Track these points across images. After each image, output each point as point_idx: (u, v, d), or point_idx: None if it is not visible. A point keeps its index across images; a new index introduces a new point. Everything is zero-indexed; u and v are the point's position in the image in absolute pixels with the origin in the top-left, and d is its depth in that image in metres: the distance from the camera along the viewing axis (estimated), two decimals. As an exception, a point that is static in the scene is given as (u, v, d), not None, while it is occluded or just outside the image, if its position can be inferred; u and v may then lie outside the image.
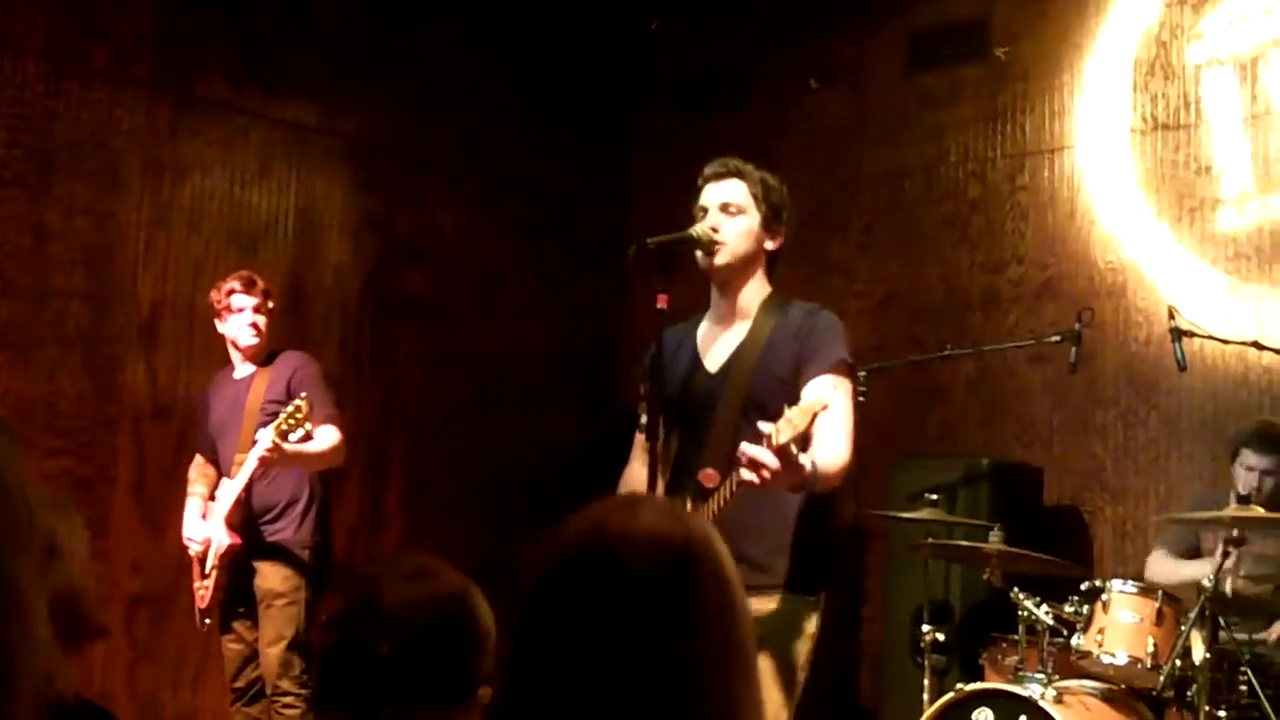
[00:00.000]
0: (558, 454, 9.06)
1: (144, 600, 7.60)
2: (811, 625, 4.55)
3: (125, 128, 7.66)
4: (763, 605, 4.45)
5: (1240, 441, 6.49)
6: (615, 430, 5.80)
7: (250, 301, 6.74)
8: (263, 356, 6.83)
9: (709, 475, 4.40)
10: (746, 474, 4.00)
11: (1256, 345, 6.60)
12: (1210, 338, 6.65)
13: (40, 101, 7.38)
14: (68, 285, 7.42)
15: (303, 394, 6.32)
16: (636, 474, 4.76)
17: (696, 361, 4.74)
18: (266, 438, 6.24)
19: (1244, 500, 5.85)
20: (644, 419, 4.64)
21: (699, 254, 4.61)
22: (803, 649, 4.53)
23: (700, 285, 4.81)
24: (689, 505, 4.43)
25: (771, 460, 3.94)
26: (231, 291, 6.74)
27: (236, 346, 6.84)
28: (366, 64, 8.65)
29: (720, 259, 4.61)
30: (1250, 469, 6.39)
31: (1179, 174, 7.62)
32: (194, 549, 6.73)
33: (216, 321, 6.87)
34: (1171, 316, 6.36)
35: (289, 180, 8.30)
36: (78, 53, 7.52)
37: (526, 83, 9.36)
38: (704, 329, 4.80)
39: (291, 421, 6.24)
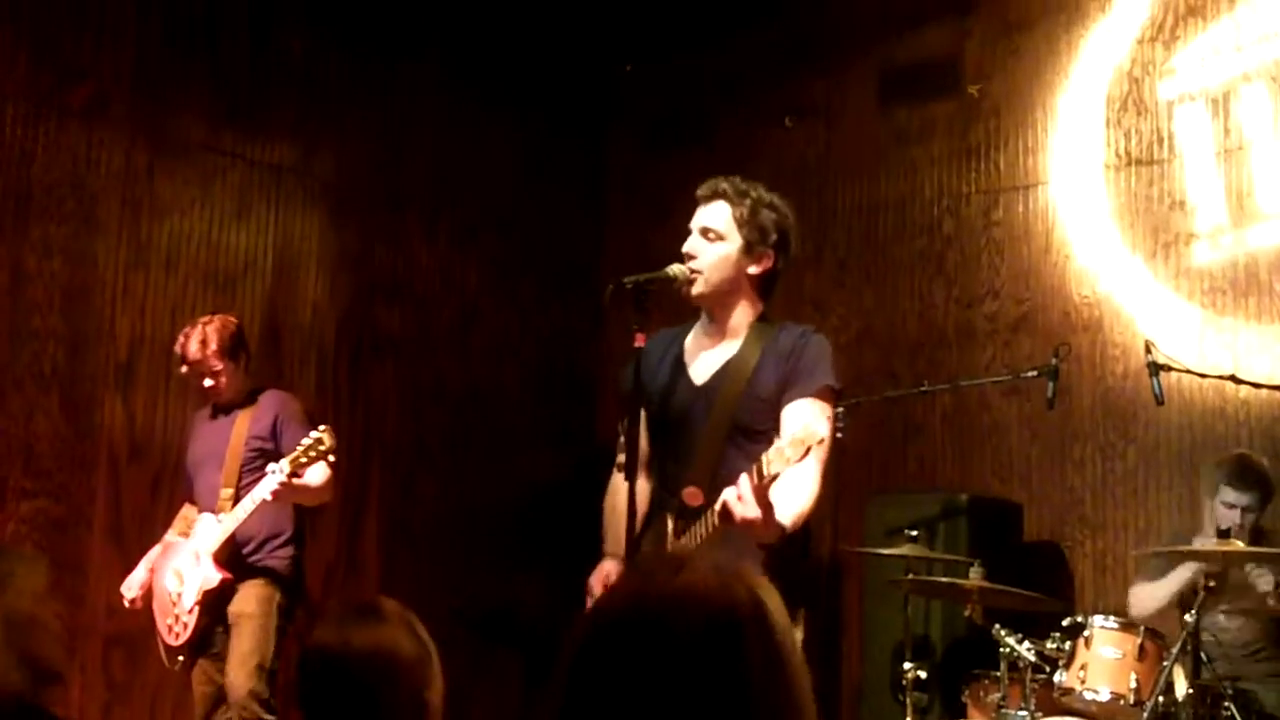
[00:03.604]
0: (534, 489, 9.06)
1: (120, 641, 7.54)
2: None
3: (103, 169, 7.65)
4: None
5: (1219, 479, 6.49)
6: (591, 465, 5.81)
7: (188, 369, 6.67)
8: (241, 397, 6.77)
9: (693, 494, 4.41)
10: (728, 503, 4.03)
11: (1234, 379, 6.62)
12: (1187, 371, 6.65)
13: (18, 143, 7.37)
14: (45, 326, 7.41)
15: (323, 427, 6.24)
16: (620, 484, 4.75)
17: (681, 370, 4.73)
18: (281, 471, 6.18)
19: (1224, 535, 5.86)
20: (623, 436, 4.64)
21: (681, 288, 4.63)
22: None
23: (676, 323, 4.82)
24: (670, 522, 4.45)
25: (752, 504, 3.96)
26: (181, 351, 6.68)
27: None
28: (343, 104, 8.67)
29: (696, 289, 4.63)
30: (1231, 506, 6.38)
31: (1153, 209, 7.66)
32: (129, 596, 6.69)
33: None
34: (1148, 351, 6.36)
35: (266, 220, 8.30)
36: (55, 94, 7.52)
37: (500, 122, 9.38)
38: (691, 339, 4.80)
39: (312, 454, 6.18)
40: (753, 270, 4.68)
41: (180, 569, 6.57)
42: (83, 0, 7.65)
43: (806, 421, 4.07)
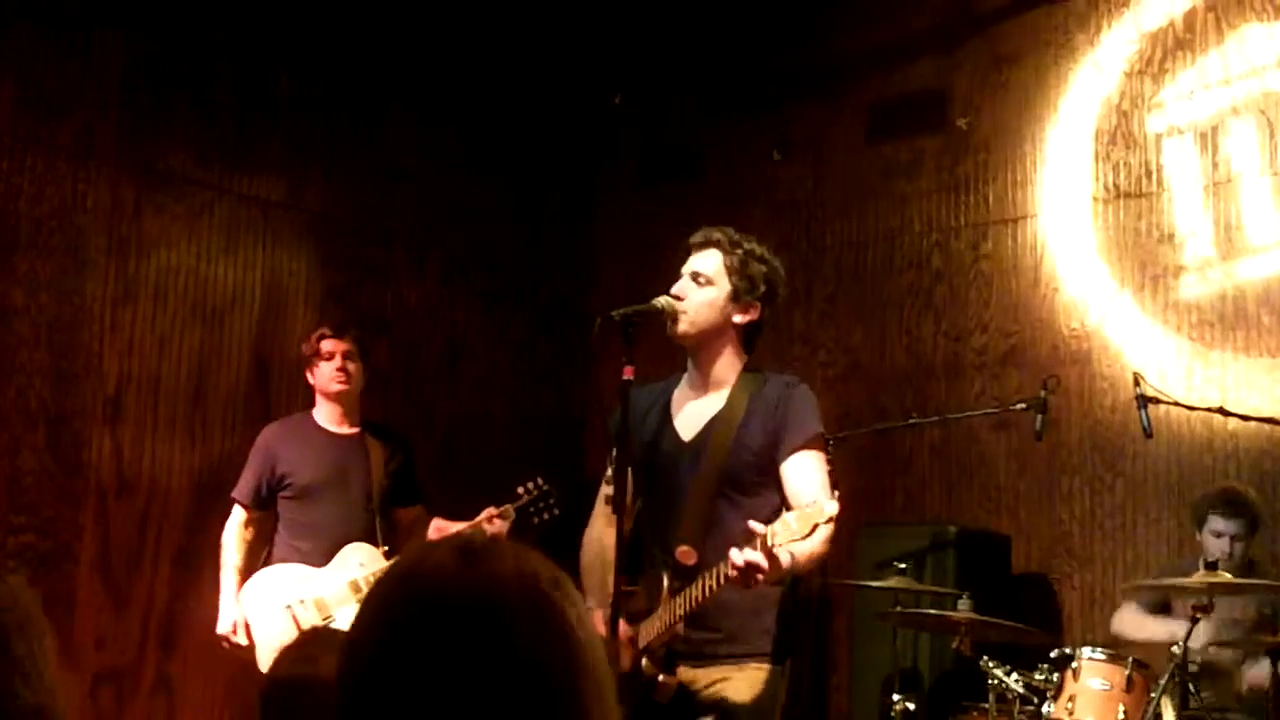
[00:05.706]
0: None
1: (108, 677, 7.51)
2: (781, 693, 4.58)
3: (90, 204, 7.62)
4: (735, 674, 4.48)
5: (1207, 507, 6.52)
6: (579, 500, 5.79)
7: (340, 346, 6.64)
8: (357, 415, 6.75)
9: (686, 552, 4.42)
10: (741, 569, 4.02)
11: (1221, 411, 6.62)
12: (1175, 404, 6.66)
13: (4, 178, 7.34)
14: (31, 361, 7.36)
15: (541, 481, 6.48)
16: (600, 532, 4.77)
17: (668, 424, 4.76)
18: (506, 518, 6.43)
19: (1212, 566, 5.85)
20: (610, 471, 4.65)
21: (667, 323, 4.65)
22: (774, 716, 4.55)
23: (665, 356, 4.83)
24: (666, 580, 4.45)
25: (764, 563, 3.97)
26: (322, 336, 6.64)
27: (326, 396, 6.75)
28: (330, 139, 8.65)
29: (681, 326, 4.65)
30: (1219, 535, 6.41)
31: (1141, 242, 7.67)
32: (236, 640, 6.53)
33: (307, 374, 6.81)
34: (1136, 383, 6.36)
35: (254, 255, 8.27)
36: (42, 129, 7.50)
37: (489, 156, 9.38)
38: (678, 393, 4.83)
39: (540, 505, 6.49)
40: (738, 319, 4.73)
41: (328, 600, 6.46)
42: (69, 35, 7.63)
43: (818, 497, 4.10)
